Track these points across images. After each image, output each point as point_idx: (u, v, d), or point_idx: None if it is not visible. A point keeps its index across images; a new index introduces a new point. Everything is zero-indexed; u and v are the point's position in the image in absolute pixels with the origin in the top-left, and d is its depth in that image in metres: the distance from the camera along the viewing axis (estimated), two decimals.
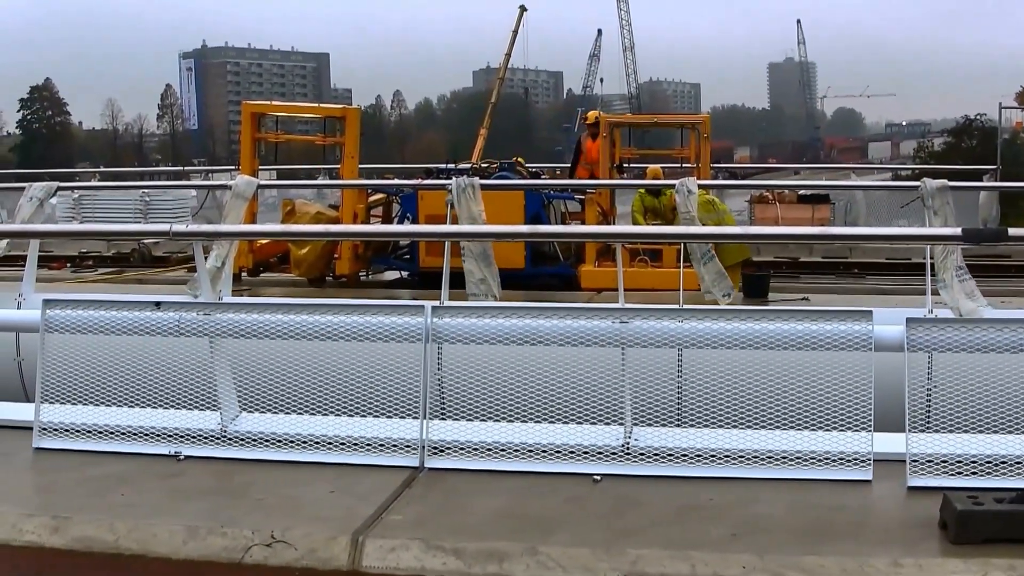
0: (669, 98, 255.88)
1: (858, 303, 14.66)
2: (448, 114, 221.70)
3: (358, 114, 24.49)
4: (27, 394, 12.69)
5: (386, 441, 9.59)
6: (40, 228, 16.65)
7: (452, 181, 16.69)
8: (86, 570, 8.00)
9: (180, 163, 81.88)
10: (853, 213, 31.87)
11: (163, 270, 25.29)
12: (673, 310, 9.97)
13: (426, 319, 9.71)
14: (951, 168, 36.58)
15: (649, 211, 22.08)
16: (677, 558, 7.39)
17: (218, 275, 15.02)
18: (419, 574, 7.60)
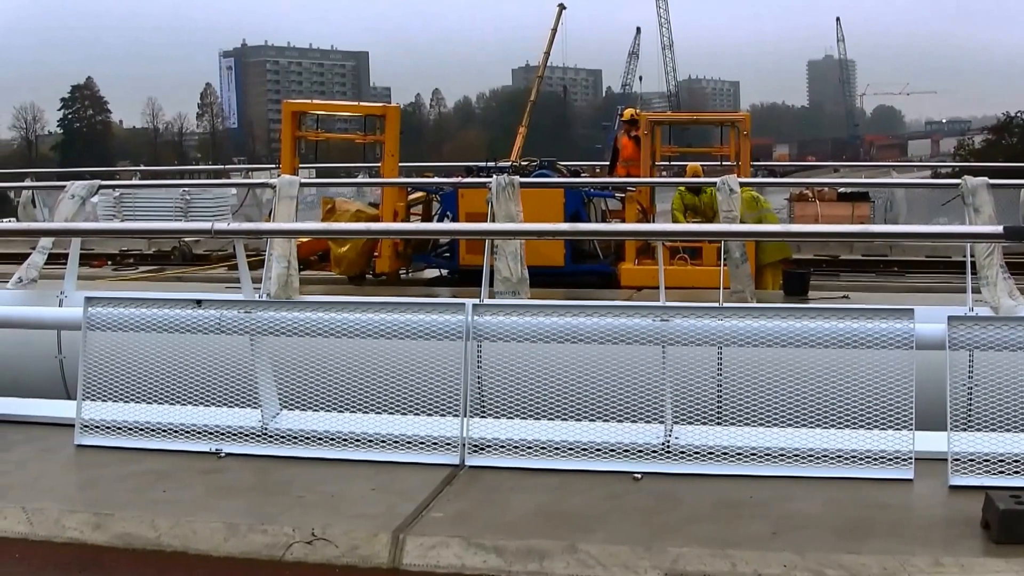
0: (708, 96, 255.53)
1: (898, 301, 14.60)
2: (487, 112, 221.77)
3: (398, 112, 24.46)
4: (68, 391, 12.79)
5: (426, 439, 9.60)
6: (82, 226, 16.75)
7: (492, 179, 16.71)
8: (128, 566, 8.03)
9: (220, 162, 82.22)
10: (893, 211, 31.77)
11: (203, 268, 25.34)
12: (713, 308, 9.96)
13: (467, 317, 9.71)
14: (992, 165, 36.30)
15: (689, 209, 22.02)
16: (717, 556, 7.37)
17: (286, 276, 15.12)
18: (459, 572, 7.60)
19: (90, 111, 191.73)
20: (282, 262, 15.68)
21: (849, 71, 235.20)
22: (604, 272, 21.74)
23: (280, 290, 15.55)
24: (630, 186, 22.86)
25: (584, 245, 21.91)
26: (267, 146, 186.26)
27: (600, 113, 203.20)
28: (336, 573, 7.74)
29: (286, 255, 15.73)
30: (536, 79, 76.22)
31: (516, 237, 15.40)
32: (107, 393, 10.48)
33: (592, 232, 18.92)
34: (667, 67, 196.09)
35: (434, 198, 23.41)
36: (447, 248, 22.38)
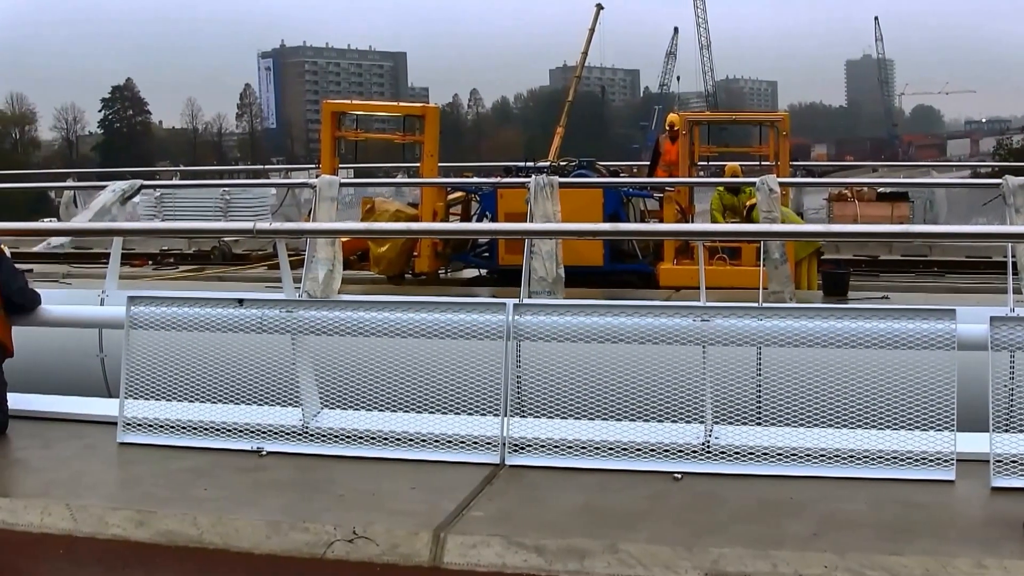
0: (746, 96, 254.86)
1: (938, 301, 14.55)
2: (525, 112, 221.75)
3: (437, 112, 24.51)
4: (109, 390, 12.85)
5: (467, 438, 9.62)
6: (123, 226, 16.84)
7: (531, 179, 16.73)
8: (170, 563, 8.07)
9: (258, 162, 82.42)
10: (932, 211, 31.67)
11: (243, 268, 25.43)
12: (753, 308, 9.95)
13: (507, 316, 9.73)
14: None
15: (728, 209, 22.00)
16: (758, 557, 7.36)
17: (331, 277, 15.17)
18: (500, 571, 7.61)
19: (130, 111, 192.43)
20: (326, 265, 15.74)
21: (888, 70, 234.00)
22: (643, 272, 21.73)
23: (320, 291, 15.59)
24: (668, 186, 22.84)
25: (623, 245, 21.90)
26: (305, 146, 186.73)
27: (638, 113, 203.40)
28: (377, 571, 7.76)
29: (330, 258, 15.79)
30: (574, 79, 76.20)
31: (555, 237, 15.43)
32: (149, 391, 10.54)
33: (631, 232, 18.93)
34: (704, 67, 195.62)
35: (473, 198, 23.44)
36: (486, 248, 22.41)
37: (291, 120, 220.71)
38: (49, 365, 13.30)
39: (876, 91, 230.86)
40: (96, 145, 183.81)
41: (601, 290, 19.31)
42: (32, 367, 12.62)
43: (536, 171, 20.86)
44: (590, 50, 75.65)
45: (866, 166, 56.44)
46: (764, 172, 19.77)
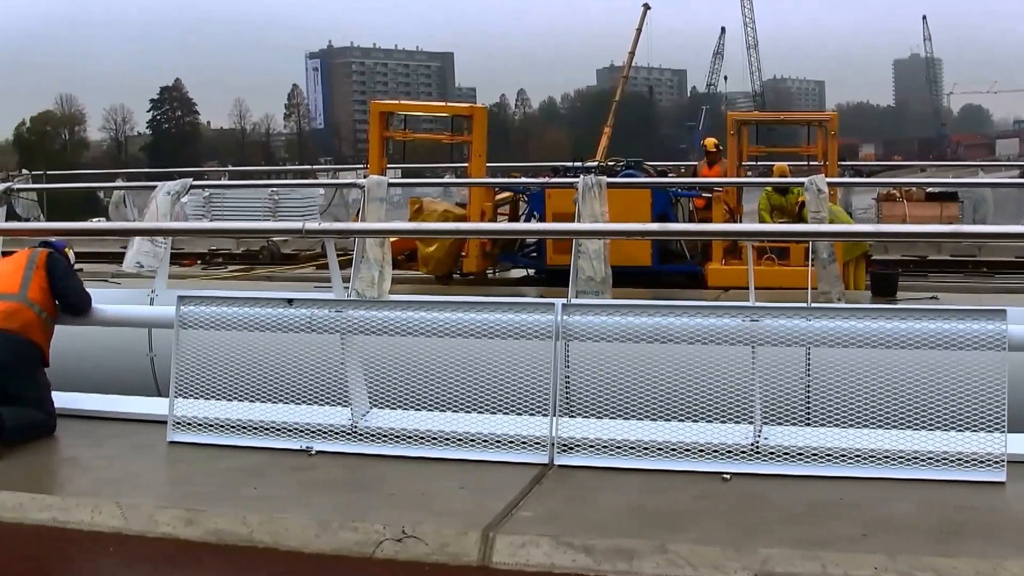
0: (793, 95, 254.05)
1: (987, 302, 14.50)
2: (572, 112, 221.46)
3: (485, 113, 24.54)
4: (159, 389, 12.92)
5: (515, 438, 9.61)
6: (173, 226, 16.96)
7: (579, 179, 16.72)
8: (219, 562, 8.09)
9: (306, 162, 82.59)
10: (981, 211, 31.48)
11: (292, 267, 25.51)
12: (802, 308, 9.90)
13: (556, 316, 9.72)
14: None
15: (776, 209, 21.94)
16: (807, 558, 7.32)
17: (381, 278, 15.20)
18: (549, 571, 7.59)
19: (178, 112, 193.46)
20: (376, 266, 15.77)
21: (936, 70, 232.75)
22: (691, 272, 21.72)
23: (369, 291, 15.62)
24: (717, 186, 22.80)
25: (671, 245, 21.88)
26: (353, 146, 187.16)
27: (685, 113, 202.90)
28: (426, 571, 7.75)
29: (379, 260, 15.81)
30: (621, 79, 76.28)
31: (603, 237, 15.41)
32: (199, 391, 10.58)
33: (679, 232, 18.92)
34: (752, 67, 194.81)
35: (521, 198, 23.45)
36: (534, 248, 22.43)
37: (338, 120, 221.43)
38: (99, 364, 13.41)
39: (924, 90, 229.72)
40: (145, 146, 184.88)
41: (649, 290, 19.29)
42: (82, 366, 12.72)
43: (584, 171, 20.86)
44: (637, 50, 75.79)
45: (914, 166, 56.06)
46: (812, 172, 19.72)
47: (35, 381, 10.88)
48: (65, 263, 11.56)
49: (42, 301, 11.03)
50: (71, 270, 11.67)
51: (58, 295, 11.24)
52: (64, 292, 11.31)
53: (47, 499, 9.03)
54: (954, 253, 26.74)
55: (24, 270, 11.08)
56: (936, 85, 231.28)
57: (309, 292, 14.65)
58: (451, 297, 11.79)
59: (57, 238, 12.29)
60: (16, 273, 11.07)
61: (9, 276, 11.06)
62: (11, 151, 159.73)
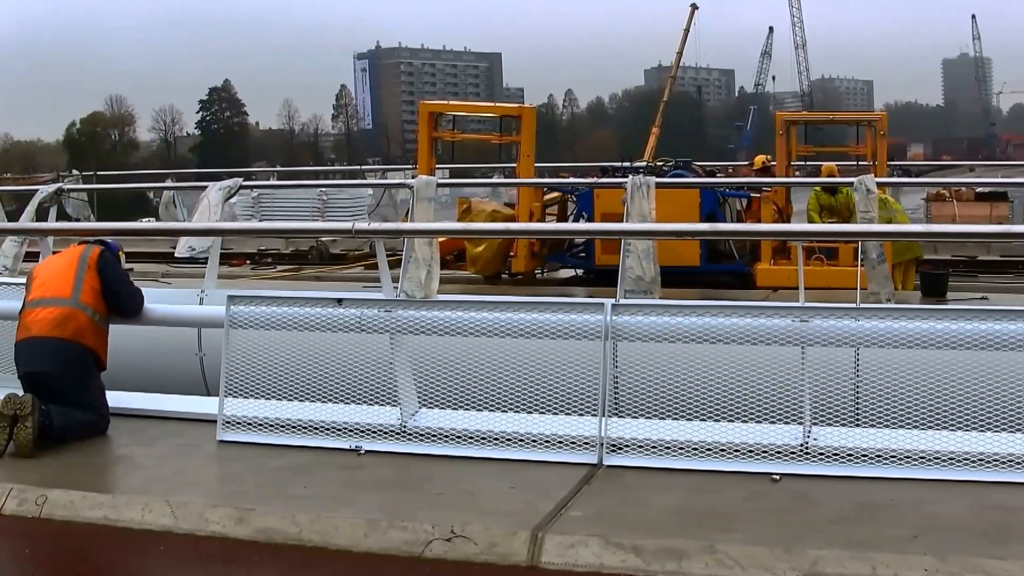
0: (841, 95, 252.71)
1: None
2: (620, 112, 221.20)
3: (534, 113, 24.54)
4: (208, 388, 12.97)
5: (564, 438, 9.61)
6: (223, 226, 17.02)
7: (628, 179, 16.70)
8: (269, 561, 8.13)
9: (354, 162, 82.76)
10: None
11: (341, 267, 25.56)
12: (852, 309, 9.84)
13: (606, 317, 9.71)
14: None
15: (825, 209, 21.84)
16: (857, 559, 7.29)
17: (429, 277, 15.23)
18: (598, 571, 7.59)
19: (227, 113, 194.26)
20: (424, 266, 15.79)
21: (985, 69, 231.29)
22: (740, 272, 21.66)
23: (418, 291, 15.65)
24: (765, 186, 22.73)
25: (719, 245, 21.83)
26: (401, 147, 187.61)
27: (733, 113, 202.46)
28: (475, 570, 7.76)
29: (427, 259, 15.83)
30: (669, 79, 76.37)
31: (652, 237, 15.39)
32: (248, 390, 10.63)
33: (727, 232, 18.82)
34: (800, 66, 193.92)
35: (569, 198, 23.44)
36: (583, 248, 22.41)
37: (387, 121, 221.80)
38: (149, 364, 13.46)
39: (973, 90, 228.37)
40: (194, 146, 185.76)
41: (697, 290, 19.25)
42: (132, 365, 12.77)
43: (632, 171, 20.83)
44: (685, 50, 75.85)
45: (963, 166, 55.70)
46: (861, 172, 19.62)
47: (86, 386, 10.92)
48: (117, 263, 11.56)
49: (95, 303, 11.03)
50: (123, 275, 11.65)
51: (110, 297, 11.21)
52: (116, 295, 11.29)
53: (98, 497, 9.09)
54: (1004, 253, 26.53)
55: (76, 270, 11.05)
56: (985, 84, 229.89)
57: (358, 292, 14.70)
58: (500, 297, 11.77)
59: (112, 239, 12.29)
60: (68, 274, 11.04)
61: (61, 277, 11.04)
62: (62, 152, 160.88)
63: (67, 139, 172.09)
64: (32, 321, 10.80)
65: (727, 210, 22.54)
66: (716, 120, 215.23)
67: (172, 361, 13.84)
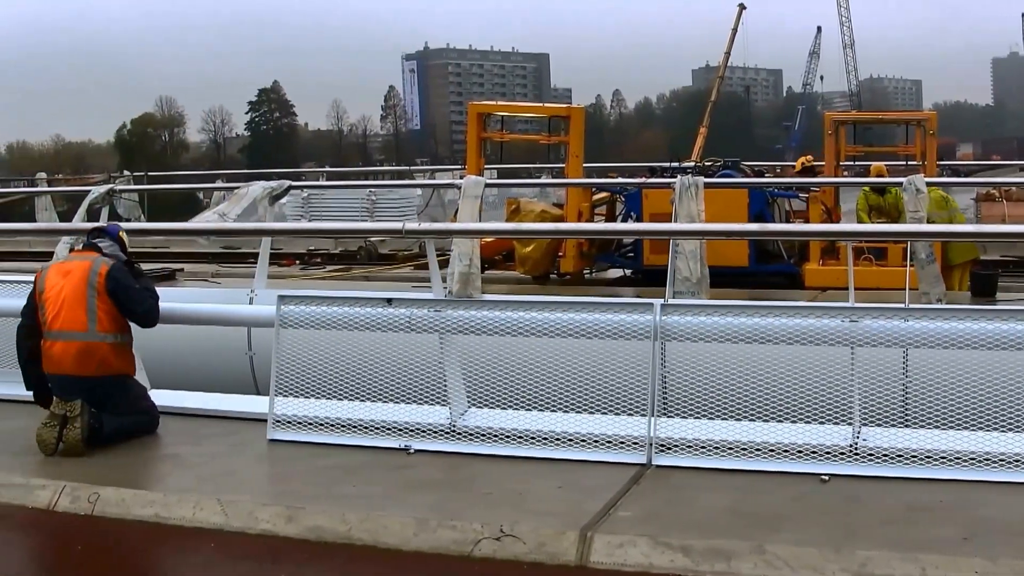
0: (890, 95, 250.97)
1: None
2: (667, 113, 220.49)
3: (583, 113, 24.49)
4: (257, 387, 13.03)
5: (613, 438, 9.63)
6: (273, 226, 17.11)
7: (676, 180, 16.67)
8: (318, 559, 8.18)
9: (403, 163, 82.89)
10: None
11: (390, 267, 25.58)
12: (901, 309, 9.82)
13: (655, 317, 9.71)
14: None
15: (874, 209, 21.71)
16: (907, 560, 7.26)
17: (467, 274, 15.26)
18: (646, 571, 7.60)
19: (276, 114, 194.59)
20: (464, 260, 15.84)
21: None
22: (788, 272, 21.56)
23: (462, 287, 15.68)
24: (814, 186, 22.63)
25: (768, 245, 21.72)
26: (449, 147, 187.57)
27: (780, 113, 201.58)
28: (524, 570, 7.78)
29: (468, 253, 15.87)
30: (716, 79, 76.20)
31: (700, 238, 15.37)
32: (298, 389, 10.69)
33: (776, 232, 18.77)
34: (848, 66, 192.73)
35: (618, 198, 23.38)
36: (631, 248, 22.35)
37: (435, 121, 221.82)
38: (199, 363, 13.54)
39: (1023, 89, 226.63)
40: (243, 147, 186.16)
41: (746, 291, 19.20)
42: (183, 365, 12.85)
43: (681, 171, 20.78)
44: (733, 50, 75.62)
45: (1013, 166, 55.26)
46: (910, 172, 19.51)
47: (125, 397, 10.99)
48: (125, 277, 11.14)
49: (113, 326, 10.93)
50: (131, 280, 11.24)
51: (127, 315, 11.06)
52: (132, 314, 11.10)
53: (149, 495, 9.18)
54: None
55: (86, 299, 10.83)
56: None
57: (408, 292, 14.72)
58: (549, 297, 11.78)
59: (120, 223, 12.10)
60: (79, 304, 10.83)
61: (73, 307, 10.82)
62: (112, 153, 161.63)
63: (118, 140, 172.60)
64: (55, 354, 10.83)
65: (776, 210, 22.44)
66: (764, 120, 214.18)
67: (222, 360, 13.91)
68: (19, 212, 40.70)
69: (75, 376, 10.66)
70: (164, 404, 11.33)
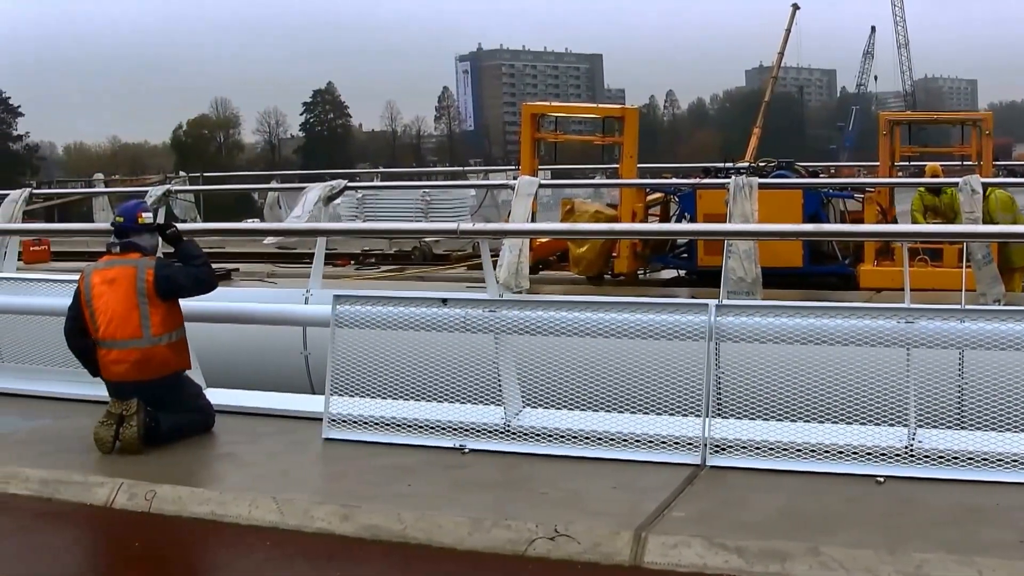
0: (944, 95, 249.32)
1: None
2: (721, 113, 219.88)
3: (637, 114, 24.45)
4: (312, 386, 13.09)
5: (667, 438, 9.63)
6: (328, 226, 17.21)
7: (731, 180, 16.65)
8: (374, 557, 8.23)
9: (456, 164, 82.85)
10: None
11: (444, 268, 25.62)
12: (957, 310, 9.76)
13: (709, 317, 9.71)
14: None
15: (929, 210, 21.60)
16: (963, 563, 7.23)
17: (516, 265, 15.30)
18: (701, 571, 7.60)
19: (331, 115, 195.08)
20: (514, 250, 15.91)
21: None
22: (843, 273, 21.46)
23: (509, 278, 15.72)
24: (869, 187, 22.53)
25: (823, 246, 21.63)
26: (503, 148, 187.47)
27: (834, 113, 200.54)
28: (578, 570, 7.80)
29: (518, 244, 15.94)
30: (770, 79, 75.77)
31: (755, 238, 15.35)
32: (354, 388, 10.74)
33: (831, 233, 18.68)
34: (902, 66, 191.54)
35: (672, 199, 23.35)
36: (685, 249, 22.32)
37: (488, 122, 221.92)
38: (255, 362, 13.62)
39: None
40: (297, 148, 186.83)
41: (800, 291, 19.14)
42: (239, 364, 12.93)
43: (735, 172, 20.74)
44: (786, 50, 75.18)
45: None
46: (966, 172, 19.41)
47: (181, 396, 11.07)
48: (171, 272, 11.05)
49: (166, 327, 10.94)
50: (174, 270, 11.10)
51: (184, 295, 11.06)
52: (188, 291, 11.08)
53: (206, 493, 9.26)
54: None
55: (138, 306, 10.82)
56: None
57: (462, 292, 14.75)
58: (604, 298, 11.78)
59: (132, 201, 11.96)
60: (131, 312, 10.81)
61: (125, 317, 10.81)
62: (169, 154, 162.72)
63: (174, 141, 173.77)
64: (112, 363, 10.88)
65: (831, 211, 22.35)
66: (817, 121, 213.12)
67: (277, 360, 13.99)
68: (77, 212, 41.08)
69: (133, 382, 10.73)
70: (220, 403, 11.41)
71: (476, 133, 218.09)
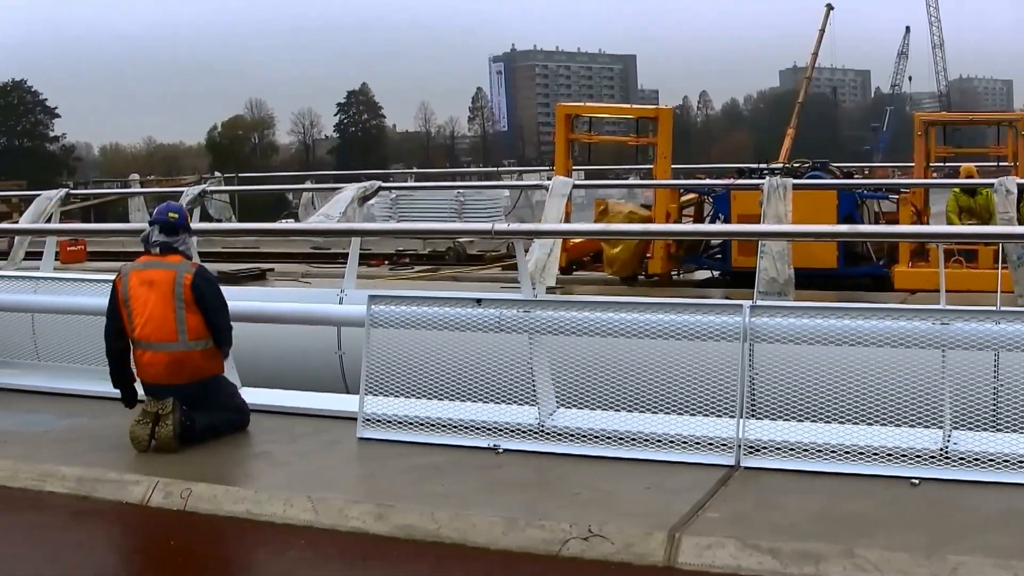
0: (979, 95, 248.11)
1: None
2: (754, 114, 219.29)
3: (670, 115, 24.50)
4: (347, 386, 13.12)
5: (701, 439, 9.60)
6: (363, 227, 17.23)
7: (765, 181, 16.63)
8: (408, 556, 8.22)
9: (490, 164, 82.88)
10: None
11: (478, 268, 25.67)
12: (993, 312, 9.72)
13: (744, 318, 9.69)
14: None
15: (964, 211, 21.56)
16: (1000, 567, 7.18)
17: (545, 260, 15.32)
18: (735, 572, 7.58)
19: (365, 116, 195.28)
20: (544, 248, 15.95)
21: None
22: (877, 274, 21.44)
23: (535, 272, 15.74)
24: (904, 188, 22.50)
25: (857, 247, 21.61)
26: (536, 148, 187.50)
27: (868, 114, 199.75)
28: (611, 570, 7.79)
29: (549, 243, 15.98)
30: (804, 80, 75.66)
31: (788, 239, 15.33)
32: (388, 388, 10.75)
33: (865, 234, 18.65)
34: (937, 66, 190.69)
35: (706, 200, 23.36)
36: (719, 249, 22.32)
37: (522, 123, 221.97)
38: (290, 362, 13.66)
39: None
40: (332, 149, 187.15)
41: (834, 292, 19.12)
42: (273, 363, 12.97)
43: (769, 173, 20.73)
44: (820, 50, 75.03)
45: None
46: (1001, 173, 19.36)
47: (216, 395, 11.10)
48: (210, 286, 11.11)
49: (202, 333, 10.94)
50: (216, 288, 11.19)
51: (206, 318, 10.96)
52: (214, 327, 11.03)
53: (241, 491, 9.29)
54: None
55: (175, 311, 10.82)
56: None
57: (497, 292, 14.77)
58: (638, 298, 11.77)
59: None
60: (168, 316, 10.82)
61: (161, 320, 10.83)
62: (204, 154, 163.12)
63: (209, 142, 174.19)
64: (147, 364, 10.92)
65: (865, 212, 22.32)
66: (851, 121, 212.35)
67: (312, 359, 14.02)
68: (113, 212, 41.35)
69: (168, 385, 10.75)
70: (255, 402, 11.44)
71: (510, 134, 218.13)
